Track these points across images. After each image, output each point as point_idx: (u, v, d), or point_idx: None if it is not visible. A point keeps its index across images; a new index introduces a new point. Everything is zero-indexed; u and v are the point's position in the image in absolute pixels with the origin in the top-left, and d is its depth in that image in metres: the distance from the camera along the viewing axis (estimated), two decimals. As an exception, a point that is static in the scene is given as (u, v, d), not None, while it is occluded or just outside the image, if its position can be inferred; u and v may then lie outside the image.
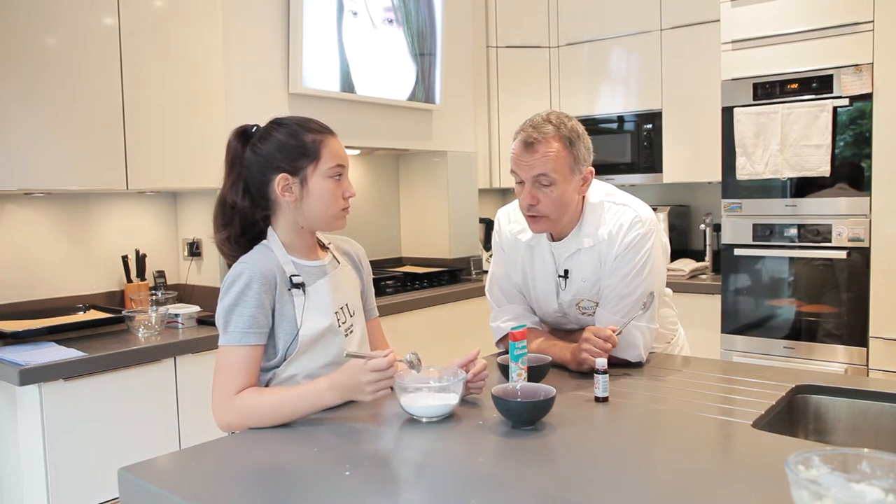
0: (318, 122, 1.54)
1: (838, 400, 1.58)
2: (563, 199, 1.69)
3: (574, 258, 1.80)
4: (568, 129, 1.68)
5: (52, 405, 2.11)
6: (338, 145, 1.53)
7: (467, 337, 3.45)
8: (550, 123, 1.68)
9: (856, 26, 2.96)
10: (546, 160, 1.65)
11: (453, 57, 3.89)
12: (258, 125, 1.54)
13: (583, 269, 1.79)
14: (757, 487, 1.07)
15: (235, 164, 1.52)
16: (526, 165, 1.67)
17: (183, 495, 1.09)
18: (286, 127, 1.50)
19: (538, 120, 1.69)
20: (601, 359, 1.52)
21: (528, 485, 1.10)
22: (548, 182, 1.67)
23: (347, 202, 1.53)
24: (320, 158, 1.48)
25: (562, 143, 1.67)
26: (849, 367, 3.05)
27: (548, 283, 1.85)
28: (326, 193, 1.49)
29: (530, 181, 1.68)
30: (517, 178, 1.72)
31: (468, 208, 4.08)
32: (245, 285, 1.44)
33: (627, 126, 4.02)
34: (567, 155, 1.67)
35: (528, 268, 1.89)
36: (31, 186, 2.31)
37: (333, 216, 1.52)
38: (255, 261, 1.48)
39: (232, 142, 1.53)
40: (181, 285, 3.05)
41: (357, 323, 1.61)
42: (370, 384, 1.34)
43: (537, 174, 1.66)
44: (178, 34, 2.64)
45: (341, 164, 1.51)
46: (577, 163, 1.69)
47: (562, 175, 1.67)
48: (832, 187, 3.06)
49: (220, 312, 1.46)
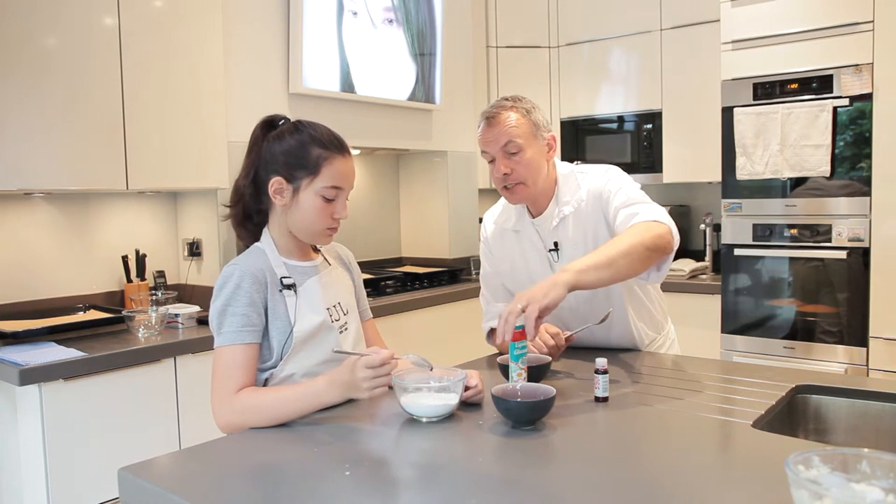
0: (333, 137, 1.53)
1: (838, 400, 1.58)
2: (533, 164, 1.80)
3: (559, 229, 1.86)
4: (522, 103, 1.82)
5: (52, 405, 2.11)
6: (343, 166, 1.52)
7: (467, 337, 3.45)
8: (506, 100, 1.83)
9: (856, 26, 2.96)
10: (509, 128, 1.77)
11: (453, 57, 3.89)
12: (287, 119, 1.56)
13: (571, 235, 1.85)
14: (757, 487, 1.07)
15: (253, 151, 1.55)
16: (492, 140, 1.79)
17: (183, 495, 1.09)
18: (300, 134, 1.51)
19: (495, 101, 1.84)
20: (601, 359, 1.52)
21: (528, 485, 1.10)
22: (516, 149, 1.78)
23: (336, 222, 1.54)
24: (318, 175, 1.49)
25: (519, 113, 1.79)
26: (849, 367, 3.05)
27: (541, 262, 1.90)
28: (312, 210, 1.50)
29: (500, 153, 1.79)
30: (488, 156, 1.83)
31: (468, 208, 4.08)
32: (236, 286, 1.46)
33: (627, 126, 4.02)
34: (527, 122, 1.80)
35: (517, 255, 1.94)
36: (31, 186, 2.31)
37: (316, 232, 1.54)
38: (245, 262, 1.51)
39: (256, 130, 1.56)
40: (181, 285, 3.05)
41: (351, 321, 1.62)
42: (366, 381, 1.34)
43: (504, 143, 1.77)
44: (178, 34, 2.64)
45: (338, 187, 1.51)
46: (537, 128, 1.81)
47: (526, 140, 1.78)
48: (832, 187, 3.06)
49: (213, 314, 1.47)
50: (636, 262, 1.60)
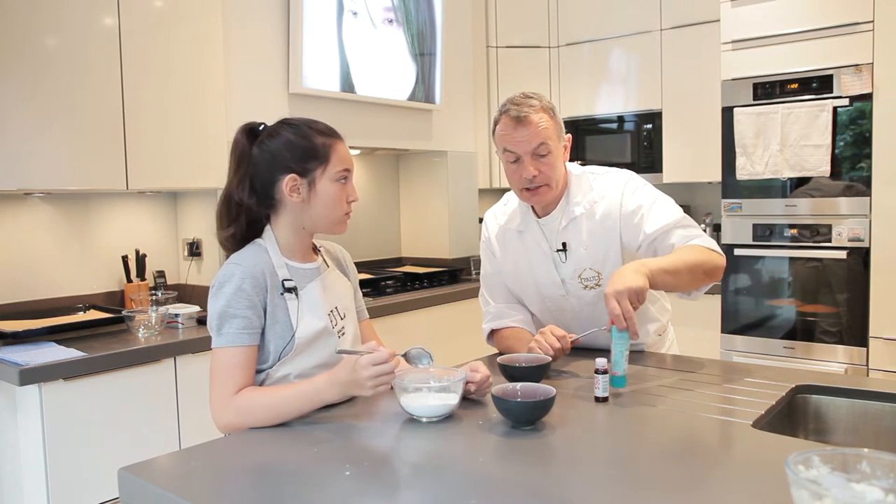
0: (327, 126, 1.54)
1: (838, 400, 1.58)
2: (557, 166, 1.78)
3: (569, 229, 1.84)
4: (547, 101, 1.78)
5: (52, 405, 2.11)
6: (345, 149, 1.53)
7: (467, 337, 3.45)
8: (532, 98, 1.76)
9: (856, 26, 2.96)
10: (540, 130, 1.73)
11: (453, 57, 3.89)
12: (265, 123, 1.55)
13: (581, 237, 1.83)
14: (757, 487, 1.07)
15: (243, 161, 1.50)
16: (523, 140, 1.73)
17: (183, 495, 1.09)
18: (295, 127, 1.50)
19: (518, 98, 1.77)
20: (601, 359, 1.52)
21: (528, 485, 1.10)
22: (546, 151, 1.74)
23: (350, 207, 1.54)
24: (329, 162, 1.49)
25: (548, 114, 1.76)
26: (849, 367, 3.05)
27: (545, 262, 1.88)
28: (333, 197, 1.50)
29: (529, 155, 1.74)
30: (511, 156, 1.76)
31: (468, 208, 4.08)
32: (237, 287, 1.43)
33: (627, 126, 4.02)
34: (554, 123, 1.76)
35: (521, 255, 1.92)
36: (31, 186, 2.31)
37: (337, 220, 1.53)
38: (246, 261, 1.47)
39: (240, 138, 1.51)
40: (181, 285, 3.05)
41: (349, 325, 1.61)
42: (370, 378, 1.34)
43: (537, 145, 1.73)
44: (178, 34, 2.64)
45: (347, 169, 1.52)
46: (560, 130, 1.79)
47: (554, 143, 1.76)
48: (832, 187, 3.06)
49: (213, 315, 1.45)
50: (693, 281, 1.71)
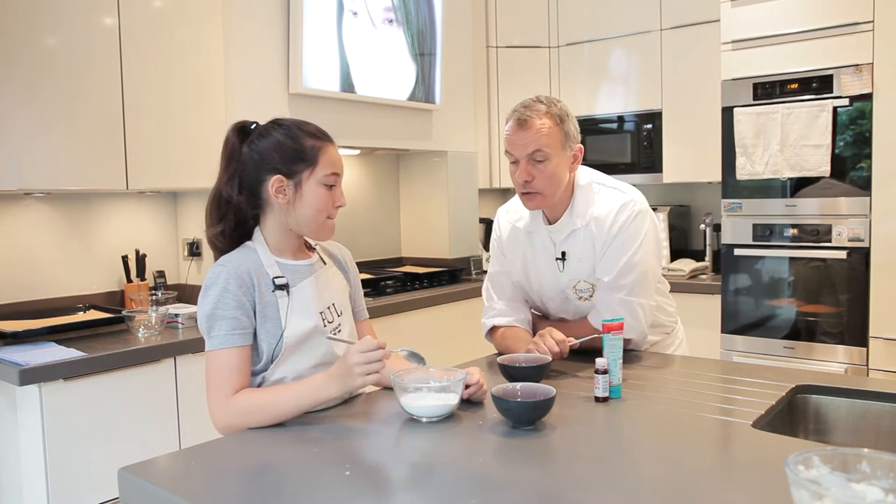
0: (318, 128, 1.54)
1: (838, 400, 1.58)
2: (556, 176, 1.75)
3: (570, 239, 1.85)
4: (557, 108, 1.76)
5: (52, 405, 2.11)
6: (335, 153, 1.52)
7: (467, 337, 3.45)
8: (541, 103, 1.76)
9: (856, 26, 2.96)
10: (539, 136, 1.72)
11: (453, 57, 3.89)
12: (258, 122, 1.54)
13: (578, 249, 1.84)
14: (757, 487, 1.07)
15: (233, 159, 1.51)
16: (520, 144, 1.74)
17: (183, 495, 1.09)
18: (285, 128, 1.50)
19: (529, 101, 1.77)
20: (601, 359, 1.52)
21: (528, 485, 1.10)
22: (542, 158, 1.73)
23: (336, 212, 1.53)
24: (317, 165, 1.48)
25: (553, 120, 1.73)
26: (849, 367, 3.05)
27: (550, 266, 1.89)
28: (318, 200, 1.49)
29: (525, 159, 1.74)
30: (511, 157, 1.78)
31: (468, 208, 4.08)
32: (223, 289, 1.44)
33: (627, 126, 4.02)
34: (559, 131, 1.74)
35: (528, 255, 1.93)
36: (31, 186, 2.31)
37: (321, 224, 1.52)
38: (231, 262, 1.48)
39: (230, 137, 1.52)
40: (181, 285, 3.05)
41: (345, 323, 1.60)
42: (358, 365, 1.34)
43: (532, 151, 1.73)
44: (178, 34, 2.64)
45: (336, 173, 1.51)
46: (567, 139, 1.76)
47: (554, 151, 1.73)
48: (832, 187, 3.06)
49: (202, 318, 1.45)
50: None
